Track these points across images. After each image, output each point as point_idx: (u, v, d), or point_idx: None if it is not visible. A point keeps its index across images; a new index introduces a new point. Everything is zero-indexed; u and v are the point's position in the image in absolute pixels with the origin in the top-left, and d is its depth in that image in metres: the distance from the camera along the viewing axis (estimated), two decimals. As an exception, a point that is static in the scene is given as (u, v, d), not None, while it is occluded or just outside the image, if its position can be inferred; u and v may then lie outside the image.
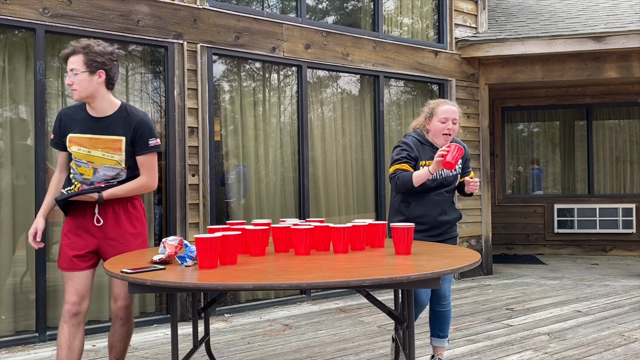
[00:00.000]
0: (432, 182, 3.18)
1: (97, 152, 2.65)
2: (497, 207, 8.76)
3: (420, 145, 3.23)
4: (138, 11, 4.62)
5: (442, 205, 3.24)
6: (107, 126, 2.66)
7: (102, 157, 2.66)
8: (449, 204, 3.29)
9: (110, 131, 2.66)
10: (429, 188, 3.19)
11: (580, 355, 3.66)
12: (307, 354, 3.80)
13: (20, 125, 4.23)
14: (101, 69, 2.62)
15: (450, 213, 3.28)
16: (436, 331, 3.33)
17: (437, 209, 3.22)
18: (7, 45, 4.18)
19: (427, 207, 3.20)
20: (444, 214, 3.25)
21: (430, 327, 3.36)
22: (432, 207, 3.21)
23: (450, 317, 3.33)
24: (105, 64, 2.63)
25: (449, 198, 3.28)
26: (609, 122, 8.71)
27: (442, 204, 3.24)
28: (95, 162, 2.67)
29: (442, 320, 3.30)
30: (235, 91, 5.28)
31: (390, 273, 1.96)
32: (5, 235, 4.14)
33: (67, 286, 2.69)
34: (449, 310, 3.31)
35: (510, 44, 6.65)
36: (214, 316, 4.89)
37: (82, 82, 2.60)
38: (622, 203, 8.42)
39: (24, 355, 3.88)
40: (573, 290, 5.91)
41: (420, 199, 3.21)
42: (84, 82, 2.60)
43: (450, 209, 3.30)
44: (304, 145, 5.55)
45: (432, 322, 3.33)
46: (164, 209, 4.82)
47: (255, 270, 2.10)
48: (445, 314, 3.29)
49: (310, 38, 5.58)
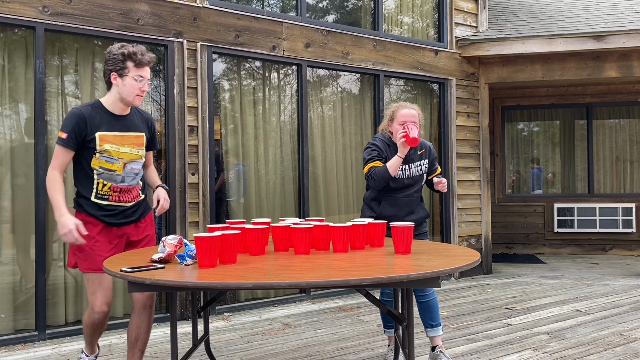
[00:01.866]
0: (400, 184, 3.36)
1: (125, 149, 2.79)
2: (496, 207, 8.76)
3: (387, 147, 3.40)
4: (138, 9, 4.62)
5: (410, 206, 3.43)
6: (130, 123, 2.83)
7: (130, 153, 2.81)
8: (417, 203, 3.47)
9: (134, 128, 2.85)
10: (398, 188, 3.37)
11: (580, 355, 3.66)
12: (307, 352, 3.80)
13: (19, 124, 4.22)
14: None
15: (417, 212, 3.47)
16: (427, 321, 3.40)
17: (406, 209, 3.41)
18: (7, 43, 4.18)
19: (396, 208, 3.39)
20: (412, 214, 3.43)
21: (422, 319, 3.43)
22: (401, 207, 3.40)
23: (437, 304, 3.41)
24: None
25: (416, 198, 3.46)
26: (609, 122, 8.71)
27: (410, 204, 3.42)
28: (125, 157, 2.80)
29: (430, 309, 3.39)
30: (235, 90, 5.27)
31: (389, 272, 1.96)
32: (5, 233, 4.14)
33: (97, 292, 2.70)
34: (435, 299, 3.40)
35: (510, 43, 6.65)
36: (213, 315, 4.89)
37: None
38: (622, 202, 8.42)
39: (24, 354, 3.88)
40: (573, 289, 5.91)
41: (390, 199, 3.39)
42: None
43: (418, 207, 3.48)
44: (304, 144, 5.55)
45: (422, 314, 3.42)
46: (164, 208, 4.81)
47: (255, 269, 2.10)
48: (431, 302, 3.39)
49: (310, 37, 5.58)
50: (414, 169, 3.41)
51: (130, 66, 2.71)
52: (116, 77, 2.73)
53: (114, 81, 2.74)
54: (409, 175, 3.39)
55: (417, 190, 3.45)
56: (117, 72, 2.72)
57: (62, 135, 2.69)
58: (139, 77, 2.73)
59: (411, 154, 3.41)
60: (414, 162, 3.42)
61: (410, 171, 3.39)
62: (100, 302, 2.69)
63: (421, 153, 3.47)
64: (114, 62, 2.71)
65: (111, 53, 2.73)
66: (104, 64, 2.78)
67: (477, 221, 6.88)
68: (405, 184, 3.38)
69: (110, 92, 2.78)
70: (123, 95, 2.75)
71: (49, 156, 4.28)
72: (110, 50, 2.75)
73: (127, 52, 2.71)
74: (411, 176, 3.40)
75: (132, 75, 2.71)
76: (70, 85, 4.44)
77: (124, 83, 2.72)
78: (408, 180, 3.39)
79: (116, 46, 2.75)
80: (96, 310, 2.69)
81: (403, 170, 3.37)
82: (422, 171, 3.46)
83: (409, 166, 3.40)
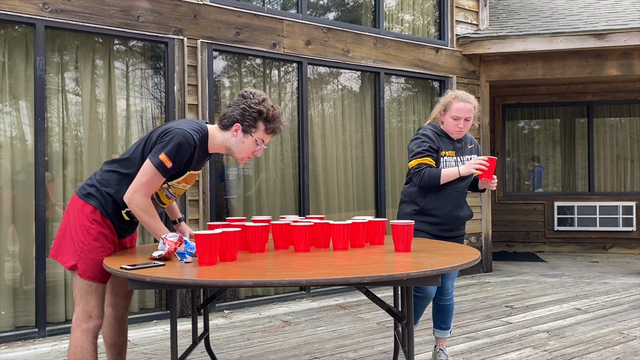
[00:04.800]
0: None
1: (182, 185, 2.59)
2: (497, 205, 8.76)
3: (438, 137, 3.17)
4: (138, 7, 4.61)
5: (457, 201, 3.19)
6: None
7: (182, 189, 2.62)
8: (463, 200, 3.24)
9: (200, 166, 2.63)
10: (448, 182, 3.15)
11: (579, 353, 3.66)
12: (307, 350, 3.80)
13: (20, 121, 4.22)
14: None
15: (464, 209, 3.25)
16: (438, 323, 3.38)
17: (452, 203, 3.18)
18: (7, 40, 4.17)
19: (443, 201, 3.16)
20: (458, 209, 3.21)
21: (433, 318, 3.41)
22: (448, 201, 3.16)
23: (453, 310, 3.37)
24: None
25: (464, 194, 3.23)
26: (609, 120, 8.70)
27: (457, 199, 3.19)
28: (178, 193, 2.62)
29: (445, 313, 3.35)
30: (235, 87, 5.27)
31: (389, 270, 1.96)
32: (5, 231, 4.14)
33: (97, 298, 2.44)
34: (452, 304, 3.34)
35: (511, 41, 6.64)
36: (213, 312, 4.90)
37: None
38: (623, 201, 8.41)
39: (24, 351, 3.89)
40: (572, 288, 5.91)
41: (438, 191, 3.16)
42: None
43: (465, 205, 3.26)
44: (304, 141, 5.55)
45: (435, 314, 3.39)
46: (164, 205, 4.81)
47: (255, 267, 2.10)
48: (447, 307, 3.34)
49: (310, 34, 5.57)
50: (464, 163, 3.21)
51: (261, 128, 2.46)
52: (238, 130, 2.45)
53: (233, 132, 2.46)
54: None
55: (465, 186, 3.22)
56: (243, 125, 2.45)
57: (167, 163, 2.34)
58: (261, 141, 2.48)
59: (461, 146, 3.22)
60: (464, 155, 3.22)
61: (460, 164, 3.17)
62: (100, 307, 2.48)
63: (471, 148, 3.28)
64: (246, 115, 2.44)
65: (249, 104, 2.44)
66: (233, 105, 2.48)
67: (477, 219, 6.88)
68: (457, 178, 3.14)
69: (221, 135, 2.49)
70: (235, 150, 2.48)
71: (48, 153, 4.28)
72: (249, 98, 2.46)
73: (265, 113, 2.45)
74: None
75: (257, 137, 2.47)
76: (70, 82, 4.44)
77: (244, 140, 2.46)
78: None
79: (257, 97, 2.46)
80: (94, 314, 2.45)
81: (456, 161, 3.18)
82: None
83: (460, 159, 3.20)
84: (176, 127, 2.39)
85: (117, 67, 4.64)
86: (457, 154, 3.19)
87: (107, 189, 2.47)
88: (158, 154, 2.34)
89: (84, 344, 2.41)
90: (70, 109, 4.42)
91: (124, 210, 2.49)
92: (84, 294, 2.43)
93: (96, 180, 2.50)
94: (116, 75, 4.63)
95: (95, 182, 2.49)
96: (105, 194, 2.46)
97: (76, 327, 2.42)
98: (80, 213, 2.44)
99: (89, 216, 2.44)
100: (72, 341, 2.43)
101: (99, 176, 2.51)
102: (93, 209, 2.44)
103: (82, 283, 2.43)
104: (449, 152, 3.18)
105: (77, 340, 2.41)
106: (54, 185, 4.34)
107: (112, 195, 2.46)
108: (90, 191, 2.47)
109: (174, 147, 2.34)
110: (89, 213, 2.44)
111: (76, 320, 2.43)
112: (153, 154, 2.36)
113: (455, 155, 3.19)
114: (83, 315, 2.43)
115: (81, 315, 2.43)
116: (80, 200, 2.47)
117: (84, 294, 2.43)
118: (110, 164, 2.53)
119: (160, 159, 2.34)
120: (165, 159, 2.34)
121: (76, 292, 2.45)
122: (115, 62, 4.63)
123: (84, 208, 2.45)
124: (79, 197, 2.48)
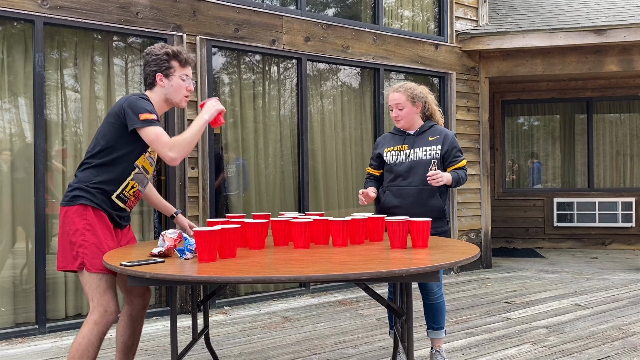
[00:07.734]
0: (401, 170, 3.18)
1: (155, 154, 2.71)
2: (496, 201, 8.76)
3: (392, 137, 3.34)
4: (137, 3, 4.60)
5: (416, 197, 3.13)
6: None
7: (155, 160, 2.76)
8: (427, 195, 3.13)
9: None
10: (398, 177, 3.18)
11: (579, 349, 3.67)
12: (306, 346, 3.81)
13: (19, 117, 4.22)
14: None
15: (428, 206, 3.12)
16: (430, 323, 3.25)
17: (409, 199, 3.13)
18: (6, 37, 4.16)
19: (400, 199, 3.15)
20: (418, 207, 3.10)
21: (425, 319, 3.30)
22: (404, 198, 3.13)
23: (443, 309, 3.23)
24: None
25: (423, 189, 3.12)
26: (609, 116, 8.70)
27: (414, 195, 3.13)
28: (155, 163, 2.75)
29: (434, 312, 3.21)
30: (234, 84, 5.26)
31: (388, 266, 1.96)
32: (5, 228, 4.14)
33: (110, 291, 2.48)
34: (441, 302, 3.21)
35: (511, 37, 6.63)
36: (213, 309, 4.90)
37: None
38: (622, 197, 8.42)
39: (24, 347, 3.89)
40: (572, 283, 5.92)
41: (393, 189, 3.19)
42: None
43: (430, 200, 3.13)
44: (304, 138, 5.55)
45: (425, 314, 3.27)
46: (164, 202, 4.81)
47: (255, 263, 2.10)
48: (436, 306, 3.20)
49: (310, 30, 5.56)
50: (419, 154, 3.17)
51: (176, 65, 2.59)
52: (162, 78, 2.59)
53: (159, 82, 2.59)
54: (413, 158, 3.16)
55: (419, 181, 3.13)
56: (162, 72, 2.58)
57: (151, 117, 2.44)
58: (185, 76, 2.62)
59: (417, 138, 3.21)
60: (420, 146, 3.19)
61: (416, 155, 3.16)
62: (115, 300, 2.51)
63: (433, 139, 3.20)
64: (158, 63, 2.57)
65: (153, 53, 2.59)
66: (145, 66, 2.62)
67: (476, 215, 6.88)
68: (405, 169, 3.15)
69: (154, 94, 2.62)
70: (170, 96, 2.62)
71: (48, 150, 4.28)
72: (151, 50, 2.61)
73: (171, 51, 2.58)
74: (416, 160, 3.15)
75: (179, 74, 2.60)
76: (69, 78, 4.43)
77: (171, 83, 2.60)
78: (413, 166, 3.15)
79: (157, 46, 2.61)
80: (109, 308, 2.48)
81: (406, 155, 3.18)
82: (430, 156, 3.15)
83: (414, 150, 3.19)
84: (124, 99, 2.53)
85: (116, 63, 4.64)
86: (410, 147, 3.20)
87: (88, 182, 2.51)
88: (138, 119, 2.43)
89: (92, 337, 2.44)
90: (69, 105, 4.41)
91: (114, 195, 2.54)
92: (96, 288, 2.46)
93: (75, 184, 2.55)
94: (115, 71, 4.62)
95: (74, 185, 2.54)
96: (88, 188, 2.51)
97: (90, 320, 2.46)
98: (70, 218, 2.48)
99: (81, 214, 2.47)
100: (81, 332, 2.45)
101: (76, 180, 2.56)
102: (82, 206, 2.48)
103: (91, 279, 2.45)
104: (397, 147, 3.24)
105: (87, 332, 2.44)
106: (53, 179, 4.34)
107: (96, 184, 2.51)
108: (74, 194, 2.51)
109: (139, 104, 2.46)
110: (80, 212, 2.48)
111: (92, 314, 2.47)
112: (136, 123, 2.44)
113: (408, 148, 3.20)
114: (99, 309, 2.46)
115: (97, 309, 2.46)
116: (66, 207, 2.51)
117: (96, 289, 2.46)
118: (82, 165, 2.58)
119: (143, 119, 2.43)
120: (145, 116, 2.44)
121: (87, 289, 2.48)
122: (114, 58, 4.63)
123: (72, 211, 2.49)
124: (64, 206, 2.52)
